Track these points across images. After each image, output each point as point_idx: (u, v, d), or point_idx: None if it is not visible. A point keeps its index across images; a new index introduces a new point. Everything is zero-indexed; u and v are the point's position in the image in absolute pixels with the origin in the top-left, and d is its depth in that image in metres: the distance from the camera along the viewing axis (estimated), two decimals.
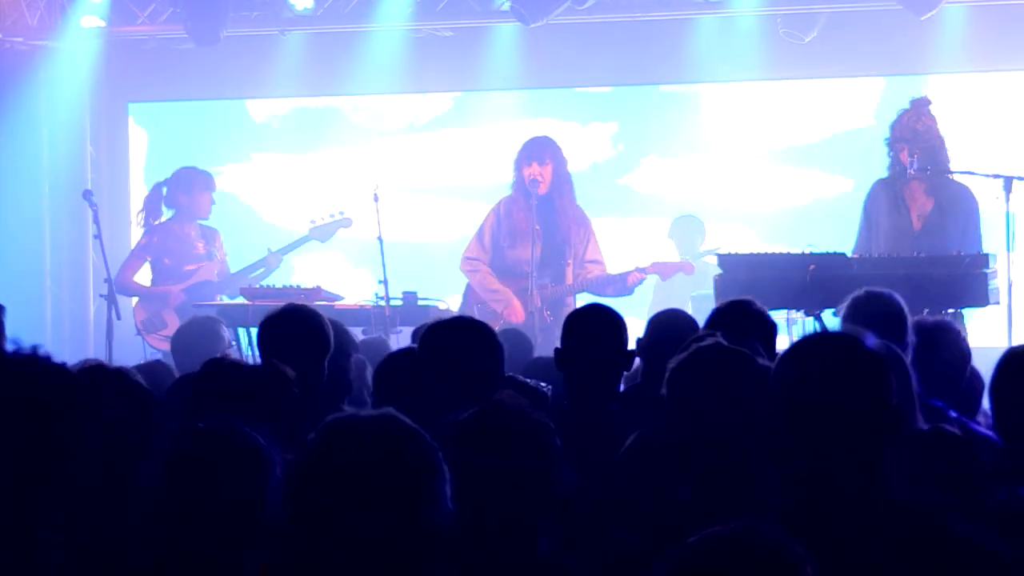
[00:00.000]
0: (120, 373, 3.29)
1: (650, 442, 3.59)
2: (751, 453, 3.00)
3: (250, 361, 5.83)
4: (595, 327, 4.51)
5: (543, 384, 4.66)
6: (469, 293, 9.00)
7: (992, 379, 3.68)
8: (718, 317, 4.67)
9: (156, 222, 9.70)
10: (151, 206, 9.72)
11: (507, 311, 8.68)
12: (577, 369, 4.43)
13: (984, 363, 4.95)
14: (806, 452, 2.69)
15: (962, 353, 4.85)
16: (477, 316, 8.22)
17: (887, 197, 7.95)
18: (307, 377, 4.57)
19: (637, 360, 4.82)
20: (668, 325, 4.78)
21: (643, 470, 3.42)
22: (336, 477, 2.30)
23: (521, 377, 4.56)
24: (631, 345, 4.59)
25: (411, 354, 4.52)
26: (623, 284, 8.72)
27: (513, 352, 4.73)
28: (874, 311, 4.87)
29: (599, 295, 8.80)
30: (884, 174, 8.04)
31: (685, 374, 3.08)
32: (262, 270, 9.64)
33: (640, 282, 8.77)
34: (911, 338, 4.71)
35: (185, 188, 9.64)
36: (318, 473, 2.32)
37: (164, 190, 9.70)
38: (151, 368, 5.30)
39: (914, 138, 7.81)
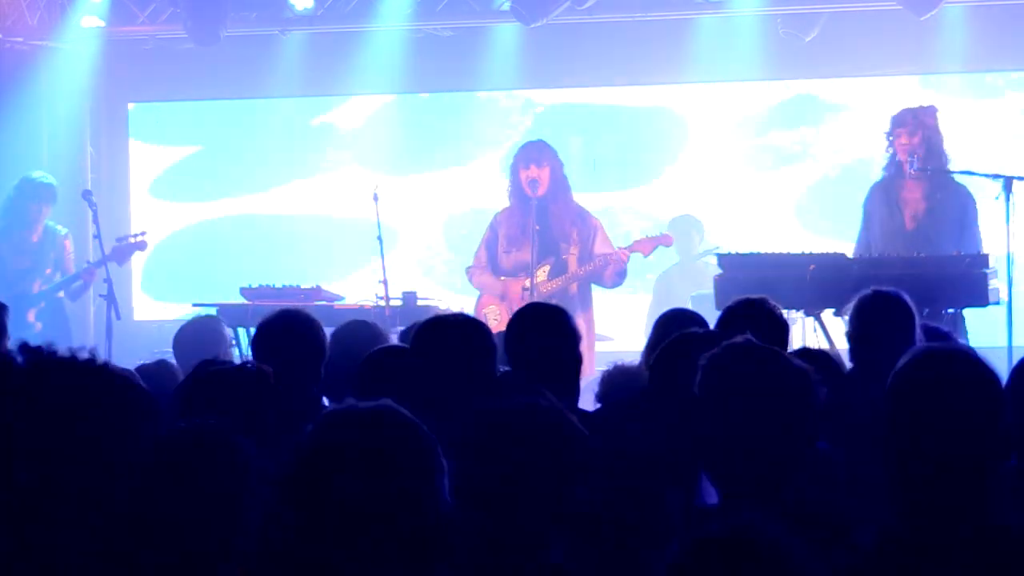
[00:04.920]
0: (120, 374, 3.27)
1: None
2: (785, 454, 2.98)
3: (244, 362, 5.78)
4: (533, 328, 4.50)
5: None
6: (478, 304, 9.02)
7: (1007, 386, 3.61)
8: (730, 315, 4.66)
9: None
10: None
11: (505, 297, 8.75)
12: (520, 369, 4.41)
13: None
14: (921, 470, 2.65)
15: None
16: (488, 321, 8.28)
17: (882, 198, 7.96)
18: (302, 381, 4.57)
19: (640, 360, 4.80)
20: (676, 325, 4.75)
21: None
22: (334, 467, 2.30)
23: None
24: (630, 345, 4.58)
25: (393, 352, 4.51)
26: (613, 269, 8.71)
27: None
28: (883, 311, 4.86)
29: (602, 285, 8.80)
30: (879, 177, 8.07)
31: (722, 373, 3.03)
32: (80, 282, 9.59)
33: (626, 261, 8.74)
34: (920, 338, 4.70)
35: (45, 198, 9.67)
36: (316, 464, 2.32)
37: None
38: (156, 369, 5.26)
39: (913, 120, 7.82)
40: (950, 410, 2.66)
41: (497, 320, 8.56)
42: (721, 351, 3.07)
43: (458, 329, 4.29)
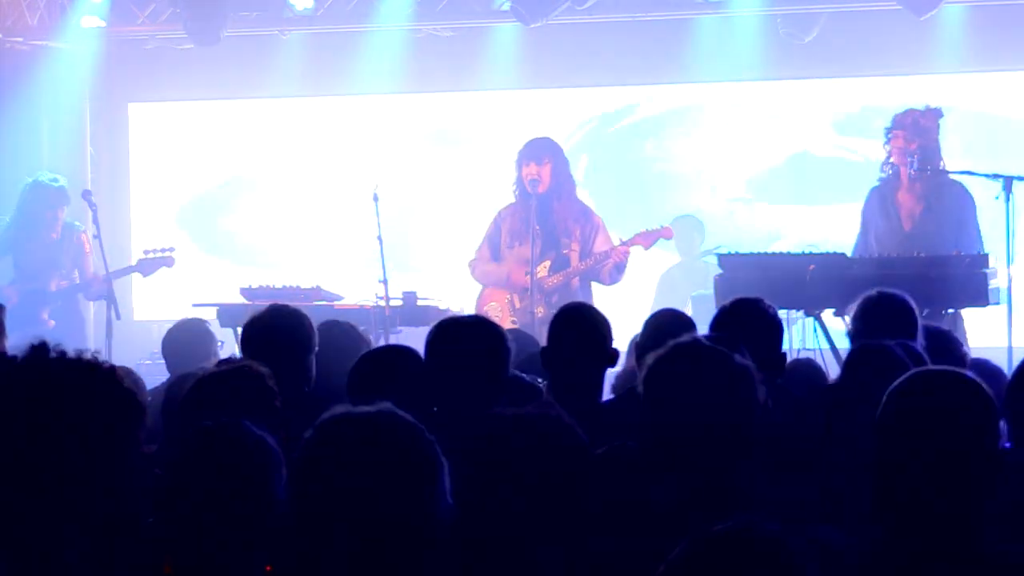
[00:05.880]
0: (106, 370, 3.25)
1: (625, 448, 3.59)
2: (730, 454, 2.98)
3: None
4: (578, 326, 4.55)
5: (539, 379, 4.68)
6: (479, 300, 9.04)
7: (1008, 388, 3.60)
8: (724, 316, 4.67)
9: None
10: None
11: (507, 283, 8.79)
12: (560, 367, 4.46)
13: None
14: (904, 499, 2.64)
15: (959, 361, 4.82)
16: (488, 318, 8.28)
17: (879, 204, 7.97)
18: (292, 376, 4.57)
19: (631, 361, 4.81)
20: (665, 325, 4.77)
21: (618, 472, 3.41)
22: (335, 472, 2.30)
23: (517, 372, 4.56)
24: (625, 346, 4.61)
25: (391, 351, 4.51)
26: (612, 264, 8.73)
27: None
28: (886, 312, 4.86)
29: (600, 281, 8.82)
30: (876, 182, 8.07)
31: (661, 372, 3.05)
32: (95, 289, 9.57)
33: (626, 256, 8.75)
34: (921, 340, 4.70)
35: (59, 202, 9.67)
36: (317, 469, 2.32)
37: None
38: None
39: (912, 125, 7.82)
40: (940, 433, 2.65)
41: (499, 317, 8.58)
42: (665, 351, 3.08)
43: (472, 330, 4.29)
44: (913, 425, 2.66)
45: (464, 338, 4.23)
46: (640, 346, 4.72)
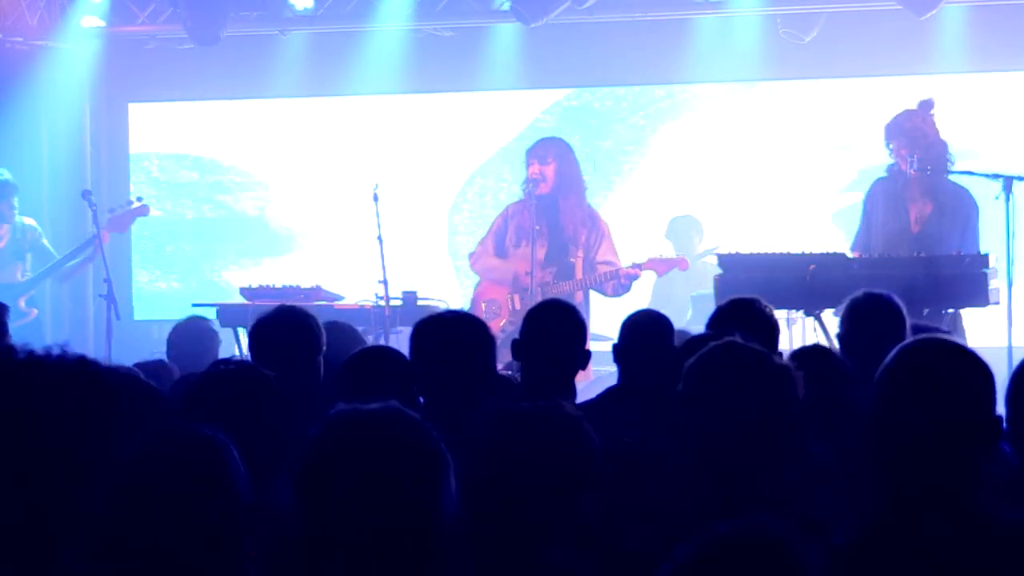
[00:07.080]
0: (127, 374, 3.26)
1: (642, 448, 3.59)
2: (768, 453, 2.99)
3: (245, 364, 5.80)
4: (553, 323, 4.56)
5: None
6: (476, 293, 9.03)
7: (1008, 389, 3.60)
8: (720, 316, 4.68)
9: None
10: None
11: (513, 273, 8.76)
12: (531, 361, 4.47)
13: None
14: (902, 463, 2.66)
15: None
16: (483, 314, 8.30)
17: (885, 197, 7.96)
18: (300, 377, 4.57)
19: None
20: (642, 326, 4.78)
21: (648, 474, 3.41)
22: (342, 470, 2.31)
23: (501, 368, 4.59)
24: (609, 347, 4.64)
25: (376, 353, 4.50)
26: (618, 281, 8.74)
27: None
28: (873, 312, 4.86)
29: (601, 293, 8.83)
30: (884, 173, 8.06)
31: (705, 373, 3.06)
32: (90, 250, 9.59)
33: (636, 278, 8.77)
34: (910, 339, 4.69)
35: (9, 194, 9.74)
36: (325, 465, 2.33)
37: None
38: (154, 368, 5.29)
39: (900, 135, 7.84)
40: (936, 398, 2.68)
41: (497, 313, 8.58)
42: (707, 352, 3.09)
43: (454, 325, 4.29)
44: (913, 392, 2.69)
45: (448, 333, 4.24)
46: (617, 348, 4.73)
